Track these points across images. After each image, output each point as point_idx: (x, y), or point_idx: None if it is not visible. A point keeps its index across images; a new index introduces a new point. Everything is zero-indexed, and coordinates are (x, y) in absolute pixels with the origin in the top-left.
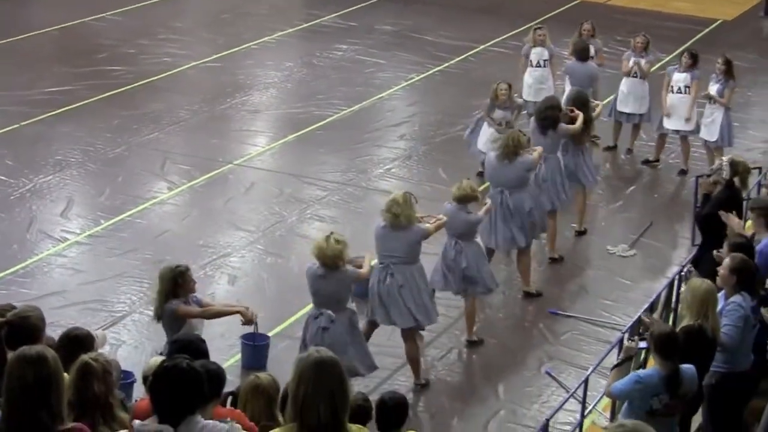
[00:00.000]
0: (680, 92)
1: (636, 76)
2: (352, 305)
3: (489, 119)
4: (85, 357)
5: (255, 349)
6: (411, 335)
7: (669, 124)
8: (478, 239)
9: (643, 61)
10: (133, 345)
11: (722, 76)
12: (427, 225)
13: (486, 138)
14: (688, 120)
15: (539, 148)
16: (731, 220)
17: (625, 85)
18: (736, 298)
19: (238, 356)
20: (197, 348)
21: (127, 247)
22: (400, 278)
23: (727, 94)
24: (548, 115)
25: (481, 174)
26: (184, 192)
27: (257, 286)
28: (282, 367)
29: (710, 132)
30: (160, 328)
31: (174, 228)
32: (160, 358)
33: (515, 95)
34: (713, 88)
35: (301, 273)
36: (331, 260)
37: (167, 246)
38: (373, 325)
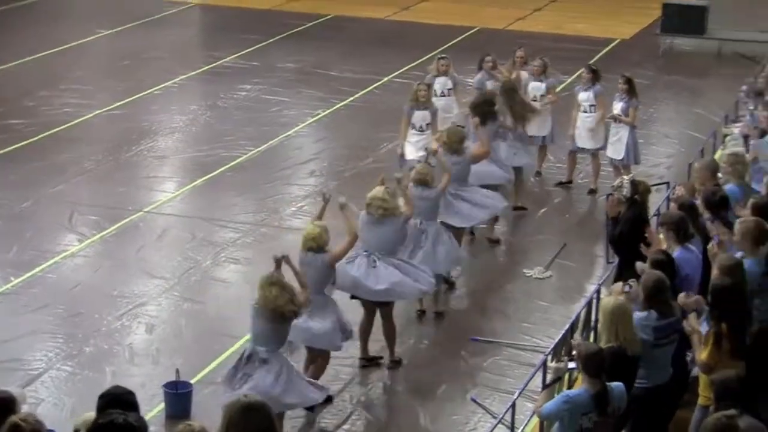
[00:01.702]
0: (586, 111)
1: (536, 100)
2: None
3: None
4: (14, 418)
5: (178, 397)
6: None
7: (579, 143)
8: None
9: (543, 86)
10: (52, 402)
11: (625, 95)
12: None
13: (415, 149)
14: (594, 137)
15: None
16: (653, 236)
17: None
18: (642, 314)
19: (162, 406)
20: (128, 401)
21: (40, 302)
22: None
23: (631, 113)
24: (488, 110)
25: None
26: (95, 243)
27: (176, 333)
28: (206, 414)
29: (616, 150)
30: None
31: (87, 280)
32: (93, 413)
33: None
34: (617, 107)
35: (219, 317)
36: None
37: (81, 299)
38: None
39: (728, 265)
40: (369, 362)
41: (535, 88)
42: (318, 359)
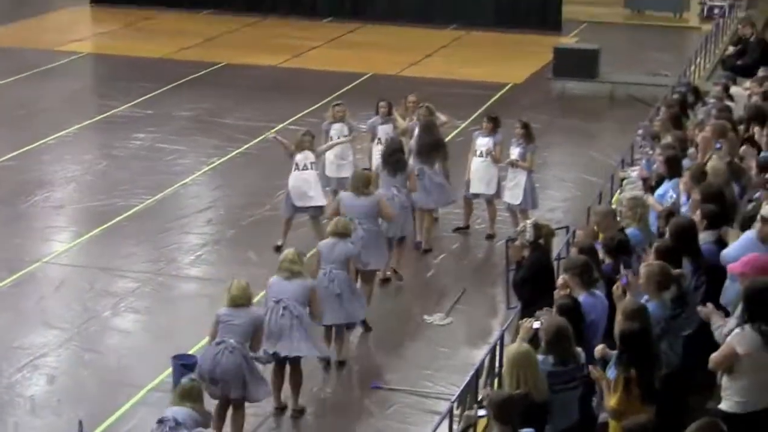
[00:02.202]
0: (482, 156)
1: None
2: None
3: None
4: None
5: None
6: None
7: (473, 188)
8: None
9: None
10: None
11: (522, 139)
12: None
13: (298, 192)
14: (489, 183)
15: None
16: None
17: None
18: (540, 357)
19: None
20: None
21: None
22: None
23: (528, 158)
24: (399, 159)
25: None
26: None
27: (77, 384)
28: None
29: (514, 195)
30: None
31: None
32: None
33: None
34: (514, 152)
35: (120, 367)
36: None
37: None
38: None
39: (632, 310)
40: (282, 411)
41: None
42: (235, 409)
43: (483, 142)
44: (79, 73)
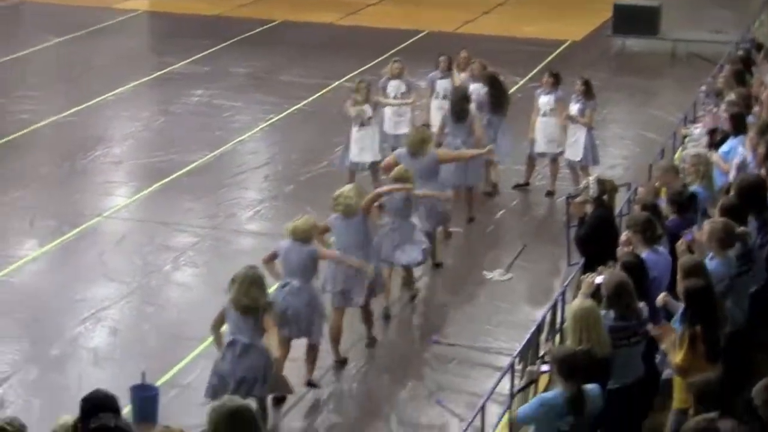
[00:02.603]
0: (545, 115)
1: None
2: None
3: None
4: None
5: (145, 401)
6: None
7: (538, 148)
8: None
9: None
10: (21, 405)
11: (581, 96)
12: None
13: (357, 147)
14: (553, 142)
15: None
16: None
17: None
18: (602, 312)
19: (127, 409)
20: (112, 406)
21: (2, 308)
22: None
23: (588, 114)
24: (464, 107)
25: None
26: (56, 248)
27: (139, 337)
28: (172, 417)
29: (574, 152)
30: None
31: (48, 285)
32: (69, 416)
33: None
34: (574, 108)
35: (180, 321)
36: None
37: (43, 303)
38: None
39: (690, 266)
40: (342, 364)
41: (475, 90)
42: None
43: (545, 101)
44: (136, 30)
